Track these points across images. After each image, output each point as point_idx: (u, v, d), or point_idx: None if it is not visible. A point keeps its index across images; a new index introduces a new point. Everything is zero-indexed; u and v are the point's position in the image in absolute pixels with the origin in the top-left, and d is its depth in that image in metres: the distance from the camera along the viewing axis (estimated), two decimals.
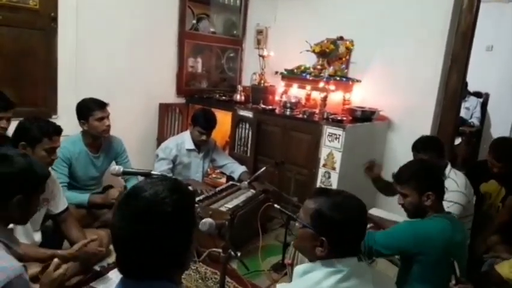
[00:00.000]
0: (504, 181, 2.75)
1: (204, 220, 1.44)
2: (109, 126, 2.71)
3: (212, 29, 4.29)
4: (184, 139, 3.13)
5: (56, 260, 1.60)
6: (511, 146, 2.71)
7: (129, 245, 0.90)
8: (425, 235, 1.74)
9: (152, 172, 1.97)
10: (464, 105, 5.00)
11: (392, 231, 1.88)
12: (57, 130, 2.05)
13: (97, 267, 2.35)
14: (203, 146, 3.16)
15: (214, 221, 1.51)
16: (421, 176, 1.86)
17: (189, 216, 0.98)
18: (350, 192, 1.39)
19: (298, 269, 1.35)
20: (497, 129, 5.17)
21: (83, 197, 2.66)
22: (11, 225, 1.87)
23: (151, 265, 0.91)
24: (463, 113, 4.93)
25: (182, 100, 4.03)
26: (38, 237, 2.16)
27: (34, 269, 1.65)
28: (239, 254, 1.80)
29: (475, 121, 5.20)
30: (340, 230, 1.27)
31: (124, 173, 2.02)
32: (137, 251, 0.90)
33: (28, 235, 2.09)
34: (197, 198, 2.79)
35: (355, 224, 1.31)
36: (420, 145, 2.53)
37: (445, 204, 1.97)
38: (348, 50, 3.63)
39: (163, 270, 0.93)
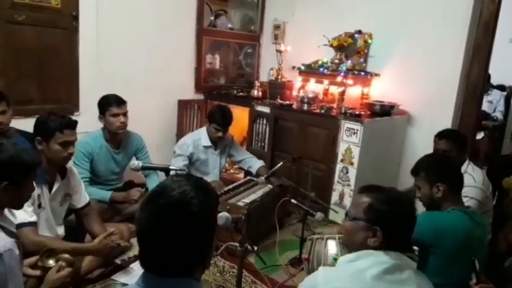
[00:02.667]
0: None
1: (220, 214, 1.45)
2: (123, 123, 2.74)
3: (230, 25, 4.30)
4: (201, 136, 3.15)
5: (60, 262, 1.66)
6: None
7: (154, 241, 0.93)
8: (442, 227, 1.71)
9: (171, 167, 2.01)
10: (486, 98, 4.88)
11: None
12: (69, 124, 2.04)
13: (118, 261, 2.42)
14: (220, 143, 3.18)
15: (230, 215, 1.53)
16: (431, 167, 1.85)
17: (213, 216, 1.01)
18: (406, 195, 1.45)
19: (343, 258, 1.36)
20: None
21: (106, 194, 2.72)
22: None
23: (175, 262, 0.93)
24: (485, 107, 4.82)
25: (200, 96, 4.07)
26: (61, 231, 2.23)
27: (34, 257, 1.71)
28: (256, 248, 1.81)
29: (498, 115, 5.07)
30: (393, 222, 1.31)
31: (143, 168, 2.07)
32: (162, 247, 0.92)
33: (51, 229, 2.15)
34: None
35: (407, 218, 1.34)
36: (444, 133, 2.53)
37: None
38: (367, 44, 3.59)
39: (186, 268, 0.95)
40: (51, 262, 1.69)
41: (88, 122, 2.86)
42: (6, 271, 1.31)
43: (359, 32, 3.60)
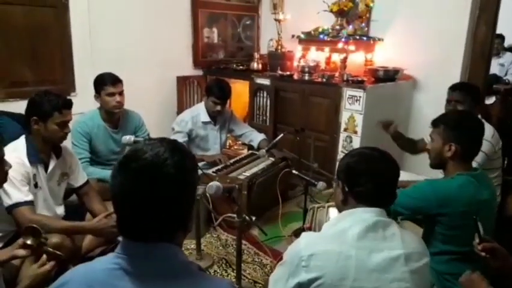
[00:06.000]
0: None
1: (210, 183, 1.41)
2: (119, 102, 2.69)
3: None
4: (199, 111, 3.08)
5: (44, 256, 1.53)
6: None
7: (131, 206, 0.89)
8: (445, 195, 1.64)
9: None
10: (498, 61, 4.71)
11: (411, 190, 1.79)
12: (68, 104, 2.02)
13: (120, 238, 2.39)
14: (219, 118, 3.11)
15: (221, 184, 1.47)
16: (451, 123, 1.74)
17: (191, 178, 0.97)
18: (384, 150, 1.38)
19: (326, 223, 1.35)
20: None
21: (106, 173, 2.69)
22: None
23: (153, 227, 0.90)
24: (497, 70, 4.64)
25: (199, 72, 3.99)
26: (60, 210, 2.21)
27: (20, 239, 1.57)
28: (254, 219, 1.77)
29: (510, 78, 4.88)
30: (358, 176, 1.29)
31: (135, 142, 2.01)
32: (139, 212, 0.89)
33: (50, 208, 2.13)
34: (216, 168, 2.78)
35: (375, 172, 1.29)
36: (458, 85, 2.47)
37: None
38: (368, 7, 3.44)
39: (166, 232, 0.92)
40: (29, 242, 1.51)
41: (85, 102, 2.81)
42: None
43: None
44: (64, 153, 2.19)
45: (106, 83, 2.65)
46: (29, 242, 1.50)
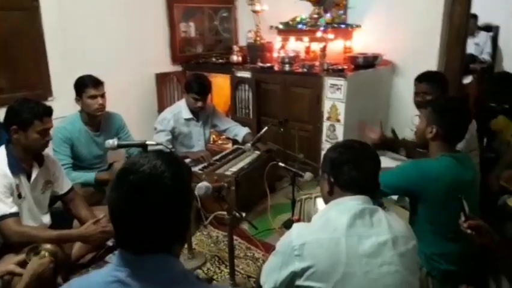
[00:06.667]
0: None
1: (199, 184, 1.40)
2: (101, 105, 2.64)
3: None
4: (181, 108, 3.05)
5: (43, 252, 1.64)
6: (508, 84, 2.61)
7: (129, 219, 0.90)
8: (428, 174, 1.69)
9: (147, 142, 1.94)
10: (473, 41, 4.77)
11: (396, 170, 1.84)
12: (48, 111, 1.99)
13: (109, 243, 2.37)
14: (201, 113, 3.09)
15: (210, 184, 1.47)
16: (436, 107, 1.80)
17: (188, 189, 0.98)
18: (363, 141, 1.45)
19: (315, 214, 1.39)
20: (511, 63, 4.94)
21: (90, 176, 2.66)
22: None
23: (151, 239, 0.91)
24: (472, 50, 4.71)
25: (178, 68, 3.94)
26: (46, 219, 2.18)
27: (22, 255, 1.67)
28: (244, 215, 1.78)
29: (486, 57, 4.96)
30: (339, 167, 1.35)
31: (119, 146, 1.99)
32: (137, 225, 0.89)
33: (35, 218, 2.10)
34: (201, 165, 2.77)
35: (354, 162, 1.34)
36: (424, 76, 2.45)
37: None
38: None
39: (164, 244, 0.93)
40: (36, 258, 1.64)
41: (63, 106, 2.75)
42: None
43: None
44: (47, 160, 2.15)
45: (87, 85, 2.59)
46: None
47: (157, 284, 0.89)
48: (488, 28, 5.12)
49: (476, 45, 4.96)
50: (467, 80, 4.59)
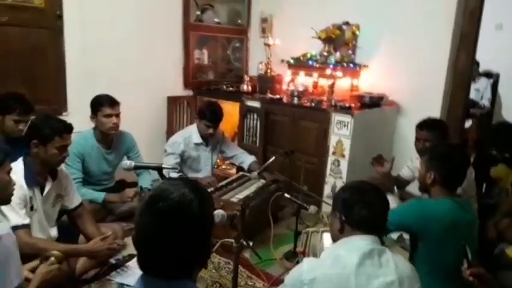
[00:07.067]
0: None
1: (215, 212, 1.46)
2: (115, 124, 2.72)
3: (216, 19, 4.27)
4: (192, 133, 3.13)
5: (52, 258, 1.71)
6: (508, 133, 2.72)
7: (155, 244, 0.93)
8: (429, 214, 1.77)
9: (163, 166, 2.01)
10: (474, 86, 4.90)
11: (399, 208, 1.93)
12: (69, 128, 2.07)
13: (112, 260, 2.40)
14: (211, 139, 3.17)
15: (225, 212, 1.53)
16: (434, 154, 1.91)
17: (211, 217, 1.03)
18: (372, 183, 1.54)
19: (324, 251, 1.47)
20: (509, 111, 5.09)
21: (99, 195, 2.71)
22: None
23: (175, 264, 0.95)
24: (473, 95, 4.84)
25: (189, 92, 4.05)
26: (54, 232, 2.21)
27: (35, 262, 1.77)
28: (251, 244, 1.83)
29: (486, 103, 5.10)
30: (351, 207, 1.41)
31: (136, 168, 2.06)
32: (163, 250, 0.93)
33: (44, 230, 2.14)
34: (208, 190, 2.82)
35: (365, 203, 1.41)
36: (425, 124, 2.55)
37: None
38: (354, 35, 3.59)
39: (185, 269, 0.97)
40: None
41: (77, 122, 2.80)
42: (7, 254, 1.36)
43: (347, 23, 3.61)
44: (60, 175, 2.21)
45: (103, 104, 2.68)
46: None
47: None
48: (488, 75, 5.28)
49: (477, 90, 5.10)
50: (467, 124, 4.69)
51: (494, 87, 5.22)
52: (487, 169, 2.80)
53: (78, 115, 2.93)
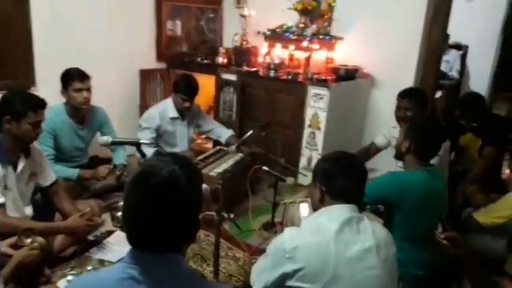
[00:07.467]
0: (479, 133, 2.86)
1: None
2: (86, 98, 2.64)
3: None
4: (167, 107, 3.07)
5: (35, 244, 1.71)
6: (475, 103, 2.83)
7: (146, 220, 0.93)
8: (404, 185, 1.84)
9: (141, 141, 1.98)
10: (444, 58, 4.99)
11: (375, 182, 1.98)
12: (43, 103, 2.01)
13: (90, 237, 2.38)
14: (187, 113, 3.13)
15: (208, 186, 1.54)
16: (413, 124, 1.98)
17: (200, 192, 1.03)
18: (352, 154, 1.57)
19: (305, 220, 1.51)
20: (476, 82, 5.26)
21: (73, 172, 2.66)
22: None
23: (165, 239, 0.95)
24: (443, 66, 4.92)
25: (163, 65, 3.96)
26: (29, 211, 2.17)
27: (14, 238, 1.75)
28: (232, 216, 1.85)
29: (455, 74, 5.24)
30: (331, 176, 1.45)
31: (113, 143, 2.02)
32: (154, 226, 0.93)
33: (19, 210, 2.09)
34: None
35: (344, 172, 1.45)
36: (406, 93, 2.64)
37: None
38: (331, 7, 3.58)
39: (176, 244, 0.98)
40: (28, 241, 1.71)
41: (45, 96, 2.69)
42: None
43: None
44: (33, 152, 2.14)
45: (73, 78, 2.59)
46: (28, 240, 1.60)
47: (167, 281, 0.93)
48: (458, 47, 5.40)
49: (447, 62, 5.21)
50: (437, 95, 4.83)
51: (463, 59, 5.35)
52: (456, 138, 2.90)
53: (46, 89, 2.81)
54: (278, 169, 2.95)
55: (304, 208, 2.16)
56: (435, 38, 3.25)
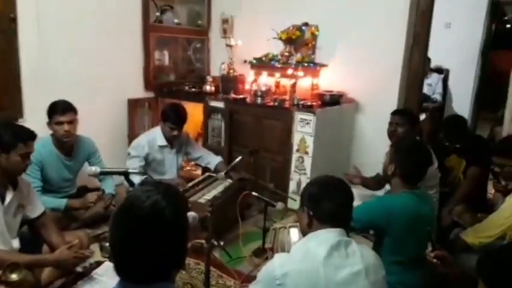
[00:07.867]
0: (463, 154, 2.93)
1: (187, 214, 1.47)
2: (66, 132, 2.63)
3: (176, 20, 4.24)
4: (156, 135, 3.10)
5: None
6: (458, 126, 2.93)
7: (131, 251, 0.94)
8: (392, 210, 1.85)
9: (129, 170, 1.99)
10: (426, 81, 5.12)
11: (362, 206, 1.99)
12: (32, 135, 2.02)
13: (79, 269, 2.34)
14: (176, 141, 3.15)
15: (197, 214, 1.55)
16: (398, 148, 2.02)
17: (186, 219, 1.04)
18: (339, 178, 1.59)
19: (294, 245, 1.51)
20: (459, 104, 5.41)
21: (60, 202, 2.64)
22: None
23: (152, 269, 0.95)
24: (425, 90, 5.06)
25: (151, 94, 3.99)
26: (16, 243, 2.13)
27: None
28: (222, 243, 1.85)
29: (438, 97, 5.36)
30: (317, 201, 1.47)
31: (101, 173, 2.03)
32: (139, 257, 0.94)
33: (6, 242, 2.05)
34: None
35: (331, 197, 1.47)
36: (397, 110, 2.95)
37: None
38: (314, 36, 3.69)
39: (164, 272, 0.98)
40: (14, 276, 1.66)
41: (33, 127, 2.71)
42: None
43: (306, 24, 3.70)
44: (21, 184, 2.13)
45: (56, 111, 2.62)
46: (14, 275, 1.56)
47: None
48: (439, 70, 5.57)
49: (429, 85, 5.35)
50: (421, 117, 4.94)
51: (445, 82, 5.51)
52: (441, 159, 2.96)
53: (34, 121, 2.80)
54: (268, 194, 2.96)
55: (294, 233, 2.17)
56: (416, 63, 3.37)
